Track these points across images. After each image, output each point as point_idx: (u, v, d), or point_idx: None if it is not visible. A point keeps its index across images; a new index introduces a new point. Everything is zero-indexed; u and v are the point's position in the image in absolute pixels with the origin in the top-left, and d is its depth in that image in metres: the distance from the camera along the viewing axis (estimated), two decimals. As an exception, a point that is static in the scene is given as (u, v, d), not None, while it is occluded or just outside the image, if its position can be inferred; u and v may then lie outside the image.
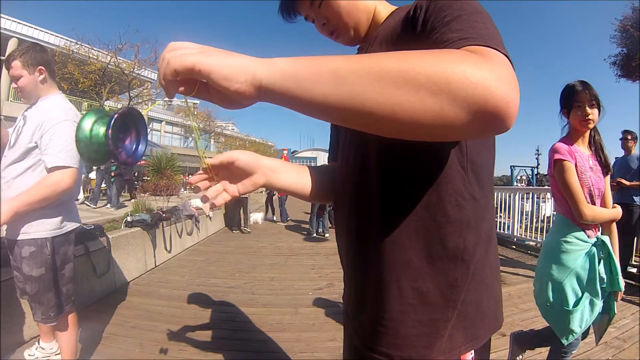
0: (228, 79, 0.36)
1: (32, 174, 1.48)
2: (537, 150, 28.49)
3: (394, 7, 0.65)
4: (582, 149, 1.50)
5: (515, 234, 5.56)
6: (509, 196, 5.79)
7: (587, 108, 1.43)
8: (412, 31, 0.49)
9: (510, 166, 23.50)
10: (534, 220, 5.64)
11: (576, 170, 1.44)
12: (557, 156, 1.47)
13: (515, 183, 21.37)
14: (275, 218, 8.79)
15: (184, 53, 0.36)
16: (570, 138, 1.52)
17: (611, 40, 10.82)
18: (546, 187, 6.81)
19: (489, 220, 0.57)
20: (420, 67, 0.34)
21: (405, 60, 0.35)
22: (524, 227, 5.60)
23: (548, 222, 5.29)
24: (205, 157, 0.56)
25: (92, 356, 1.98)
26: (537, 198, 6.25)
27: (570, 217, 1.47)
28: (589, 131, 1.50)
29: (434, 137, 0.38)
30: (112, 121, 0.44)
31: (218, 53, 0.37)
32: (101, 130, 0.44)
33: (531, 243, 5.37)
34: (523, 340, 1.84)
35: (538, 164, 27.31)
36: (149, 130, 23.23)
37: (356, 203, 0.59)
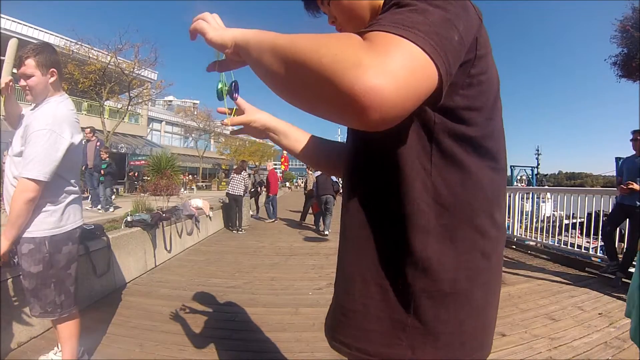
0: (222, 47, 0.57)
1: None
2: (537, 150, 28.51)
3: None
4: None
5: (515, 234, 5.56)
6: (509, 196, 5.79)
7: None
8: None
9: (510, 166, 23.51)
10: (534, 220, 5.64)
11: None
12: None
13: (515, 183, 21.36)
14: (259, 215, 8.93)
15: (211, 27, 0.59)
16: None
17: (611, 40, 10.78)
18: (546, 187, 6.81)
19: (482, 234, 0.52)
20: (295, 49, 0.40)
21: (293, 41, 0.41)
22: (524, 227, 5.60)
23: (548, 222, 5.29)
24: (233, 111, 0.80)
25: (92, 356, 1.97)
26: (537, 198, 6.25)
27: None
28: None
29: (312, 113, 0.43)
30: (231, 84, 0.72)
31: (220, 29, 0.58)
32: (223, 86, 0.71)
33: (531, 243, 5.37)
34: None
35: (538, 164, 27.35)
36: (149, 130, 23.35)
37: (346, 202, 0.62)
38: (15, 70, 1.55)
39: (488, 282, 0.54)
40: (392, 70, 0.34)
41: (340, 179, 0.85)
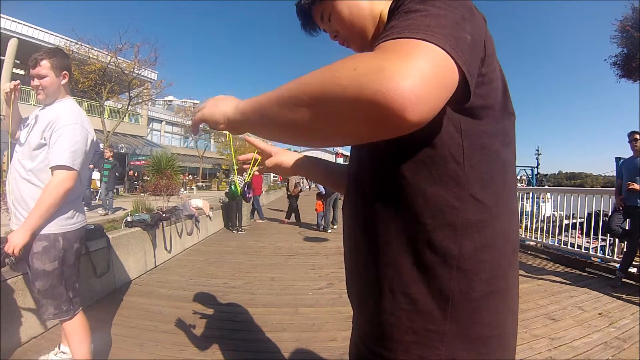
0: (215, 124, 0.59)
1: (40, 173, 1.52)
2: (537, 150, 28.48)
3: None
4: None
5: (515, 234, 5.55)
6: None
7: None
8: None
9: (510, 166, 23.43)
10: (534, 220, 5.64)
11: None
12: None
13: (515, 183, 21.30)
14: (255, 215, 8.98)
15: (199, 110, 0.62)
16: None
17: (611, 40, 10.79)
18: (546, 187, 6.82)
19: (511, 228, 0.51)
20: (304, 87, 0.40)
21: (298, 82, 0.41)
22: (524, 227, 5.59)
23: (548, 222, 5.28)
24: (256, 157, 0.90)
25: (91, 356, 1.97)
26: (537, 198, 6.24)
27: None
28: None
29: (344, 143, 0.43)
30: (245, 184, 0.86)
31: (212, 107, 0.59)
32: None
33: (531, 243, 5.37)
34: None
35: (538, 164, 27.32)
36: (149, 130, 23.34)
37: (355, 203, 0.59)
38: (15, 70, 1.57)
39: (516, 279, 0.52)
40: (417, 67, 0.34)
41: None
